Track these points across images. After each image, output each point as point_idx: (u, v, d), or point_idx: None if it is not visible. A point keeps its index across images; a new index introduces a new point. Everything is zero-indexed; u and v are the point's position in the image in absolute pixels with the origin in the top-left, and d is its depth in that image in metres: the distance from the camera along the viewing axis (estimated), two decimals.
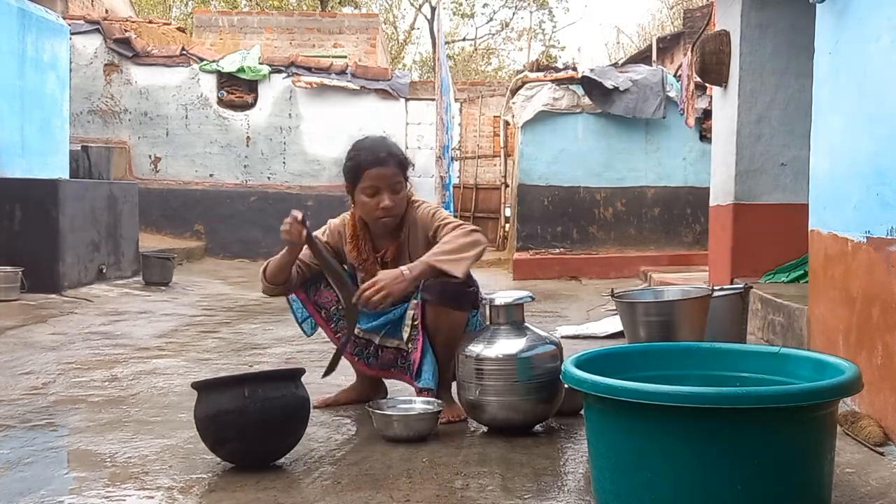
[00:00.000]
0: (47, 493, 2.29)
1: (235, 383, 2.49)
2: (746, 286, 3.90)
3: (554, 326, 5.44)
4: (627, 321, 3.64)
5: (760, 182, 5.59)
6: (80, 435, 2.90)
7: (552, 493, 2.28)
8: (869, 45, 2.90)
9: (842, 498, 2.21)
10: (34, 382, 3.75)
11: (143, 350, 4.61)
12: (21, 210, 6.75)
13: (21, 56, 7.56)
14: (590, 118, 9.85)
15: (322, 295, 3.25)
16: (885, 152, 2.75)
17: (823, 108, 3.38)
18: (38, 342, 4.84)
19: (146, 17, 18.52)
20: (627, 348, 2.69)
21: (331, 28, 17.50)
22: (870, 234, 2.86)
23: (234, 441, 2.45)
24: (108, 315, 6.04)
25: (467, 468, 2.52)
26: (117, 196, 7.99)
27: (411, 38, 30.71)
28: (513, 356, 2.81)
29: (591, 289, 8.33)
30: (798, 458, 1.90)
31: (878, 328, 2.79)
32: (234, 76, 11.77)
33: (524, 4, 28.13)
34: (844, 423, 2.83)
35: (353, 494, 2.28)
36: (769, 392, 1.88)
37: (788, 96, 5.51)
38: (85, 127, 11.45)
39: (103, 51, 11.60)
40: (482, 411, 2.87)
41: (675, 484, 1.88)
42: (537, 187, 9.97)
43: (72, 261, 7.02)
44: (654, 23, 26.52)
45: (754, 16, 5.53)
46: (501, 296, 2.95)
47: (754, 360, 2.35)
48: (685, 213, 10.05)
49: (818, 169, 3.42)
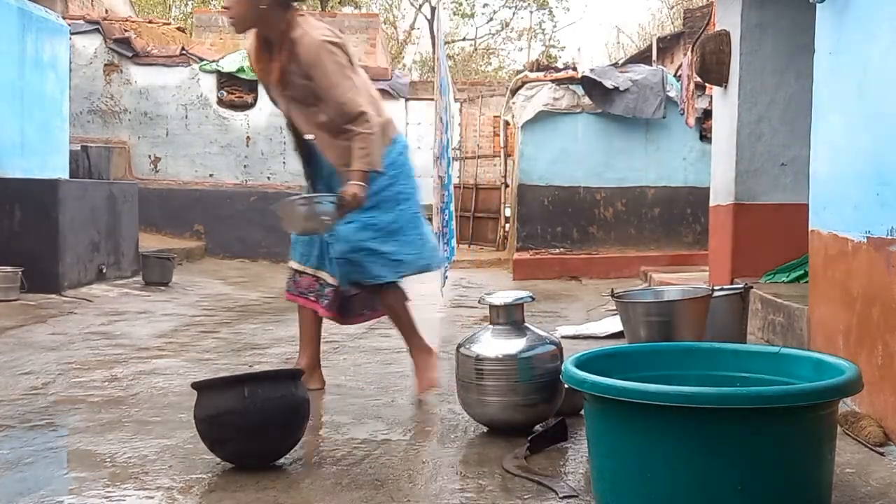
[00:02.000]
0: (47, 493, 2.29)
1: (235, 383, 2.49)
2: (746, 286, 3.89)
3: (554, 326, 5.44)
4: (627, 321, 3.64)
5: (760, 182, 5.59)
6: (80, 435, 2.90)
7: (552, 493, 2.28)
8: (869, 45, 2.90)
9: (842, 498, 2.21)
10: (34, 382, 3.75)
11: (143, 350, 4.60)
12: (21, 210, 6.75)
13: (21, 56, 7.56)
14: (590, 118, 9.84)
15: (300, 283, 3.46)
16: (885, 152, 2.75)
17: (823, 108, 3.38)
18: (38, 342, 4.84)
19: (146, 17, 18.52)
20: (627, 348, 2.69)
21: (331, 28, 17.47)
22: (870, 234, 2.86)
23: (234, 441, 2.45)
24: (107, 315, 6.04)
25: (467, 468, 2.52)
26: (117, 196, 7.98)
27: (411, 38, 30.71)
28: (513, 356, 2.81)
29: (591, 289, 8.33)
30: (798, 458, 1.90)
31: (878, 328, 2.79)
32: (234, 76, 11.77)
33: (524, 4, 28.14)
34: (844, 423, 2.83)
35: (354, 494, 2.28)
36: (769, 392, 1.88)
37: (788, 96, 5.51)
38: (85, 127, 11.45)
39: (103, 51, 11.59)
40: (482, 411, 2.87)
41: (675, 484, 1.88)
42: (537, 187, 9.96)
43: (72, 261, 7.02)
44: (654, 23, 26.53)
45: (754, 16, 5.53)
46: (501, 296, 2.95)
47: (754, 360, 2.35)
48: (685, 213, 10.05)
49: (818, 169, 3.42)
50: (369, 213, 3.19)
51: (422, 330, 3.49)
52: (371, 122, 3.10)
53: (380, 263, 3.23)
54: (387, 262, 3.24)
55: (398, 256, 3.26)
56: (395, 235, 3.25)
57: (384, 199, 3.23)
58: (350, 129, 3.12)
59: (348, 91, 3.12)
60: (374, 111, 3.17)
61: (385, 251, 3.23)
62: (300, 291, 3.45)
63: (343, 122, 3.13)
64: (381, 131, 3.18)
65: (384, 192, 3.23)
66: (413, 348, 3.45)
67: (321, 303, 3.39)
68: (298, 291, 3.46)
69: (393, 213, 3.26)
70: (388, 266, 3.25)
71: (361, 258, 3.21)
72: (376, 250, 3.21)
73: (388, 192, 3.25)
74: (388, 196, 3.25)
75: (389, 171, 3.23)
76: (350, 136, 3.12)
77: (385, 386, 3.65)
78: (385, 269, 3.24)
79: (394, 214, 3.26)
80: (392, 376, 3.91)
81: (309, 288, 3.42)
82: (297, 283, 3.46)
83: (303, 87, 3.18)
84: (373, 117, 3.12)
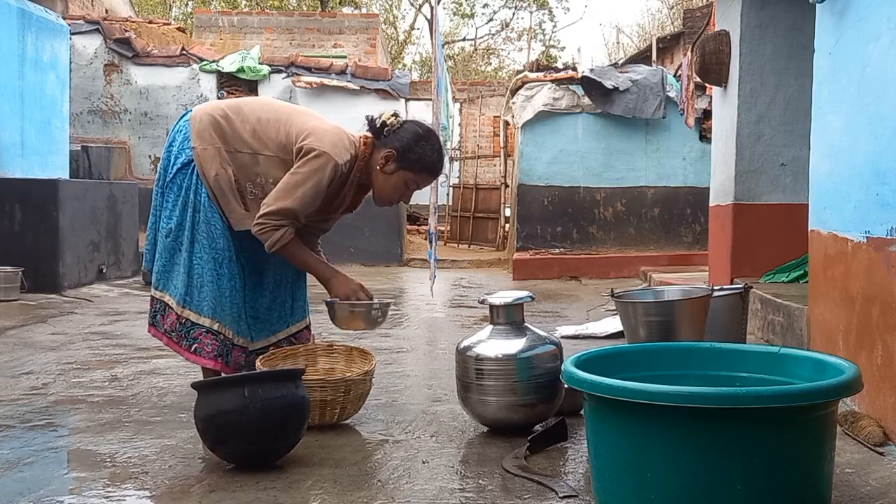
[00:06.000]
0: (47, 493, 2.30)
1: (235, 383, 2.49)
2: (746, 286, 3.89)
3: (554, 326, 5.44)
4: (627, 321, 3.64)
5: (760, 182, 5.60)
6: (80, 435, 2.90)
7: (552, 493, 2.28)
8: (869, 45, 2.90)
9: (842, 498, 2.21)
10: (34, 382, 3.75)
11: (143, 350, 4.60)
12: (21, 210, 6.76)
13: (21, 56, 7.57)
14: (590, 118, 9.84)
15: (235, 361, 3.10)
16: (884, 152, 2.75)
17: (823, 108, 3.38)
18: (38, 342, 4.84)
19: (146, 17, 18.54)
20: (627, 348, 2.69)
21: (331, 28, 17.49)
22: (870, 234, 2.86)
23: (234, 441, 2.45)
24: (108, 315, 6.04)
25: (467, 468, 2.52)
26: (117, 196, 7.99)
27: (411, 38, 30.70)
28: (513, 356, 2.81)
29: (591, 289, 8.33)
30: (798, 458, 1.90)
31: (877, 328, 2.79)
32: (234, 76, 11.77)
33: (524, 4, 28.12)
34: (844, 423, 2.83)
35: (354, 494, 2.28)
36: (769, 392, 1.88)
37: (788, 96, 5.51)
38: (85, 127, 11.45)
39: (103, 51, 11.60)
40: (482, 411, 2.87)
41: (674, 484, 1.88)
42: (537, 187, 9.96)
43: (72, 261, 7.02)
44: (654, 23, 26.48)
45: (754, 16, 5.53)
46: (501, 296, 2.95)
47: (754, 360, 2.35)
48: (685, 213, 10.05)
49: (818, 169, 3.42)
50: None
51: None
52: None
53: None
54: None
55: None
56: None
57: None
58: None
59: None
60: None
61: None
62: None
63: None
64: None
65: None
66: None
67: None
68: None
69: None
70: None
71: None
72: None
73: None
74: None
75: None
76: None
77: (385, 386, 3.65)
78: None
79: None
80: (392, 376, 3.91)
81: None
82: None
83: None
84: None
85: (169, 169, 3.04)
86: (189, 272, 2.99)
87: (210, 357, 2.99)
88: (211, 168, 2.96)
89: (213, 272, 2.99)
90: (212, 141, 2.98)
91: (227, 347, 3.02)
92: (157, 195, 3.09)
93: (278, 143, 2.98)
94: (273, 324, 3.20)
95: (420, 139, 3.04)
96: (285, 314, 3.23)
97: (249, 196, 3.01)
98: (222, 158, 2.98)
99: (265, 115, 3.02)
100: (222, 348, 3.01)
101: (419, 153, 3.02)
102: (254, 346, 3.14)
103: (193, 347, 2.99)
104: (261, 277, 3.17)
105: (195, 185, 2.98)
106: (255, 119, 3.01)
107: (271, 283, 3.19)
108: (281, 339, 3.22)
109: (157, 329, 3.08)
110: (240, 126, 3.00)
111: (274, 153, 2.98)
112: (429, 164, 3.06)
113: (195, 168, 2.98)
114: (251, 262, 3.12)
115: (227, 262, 3.01)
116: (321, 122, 3.06)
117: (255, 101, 3.13)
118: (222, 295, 3.00)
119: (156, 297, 3.08)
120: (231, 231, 3.02)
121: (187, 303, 3.00)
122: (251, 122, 3.01)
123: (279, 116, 3.02)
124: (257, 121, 3.01)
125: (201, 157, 2.97)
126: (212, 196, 2.98)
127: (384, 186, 3.07)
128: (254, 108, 3.05)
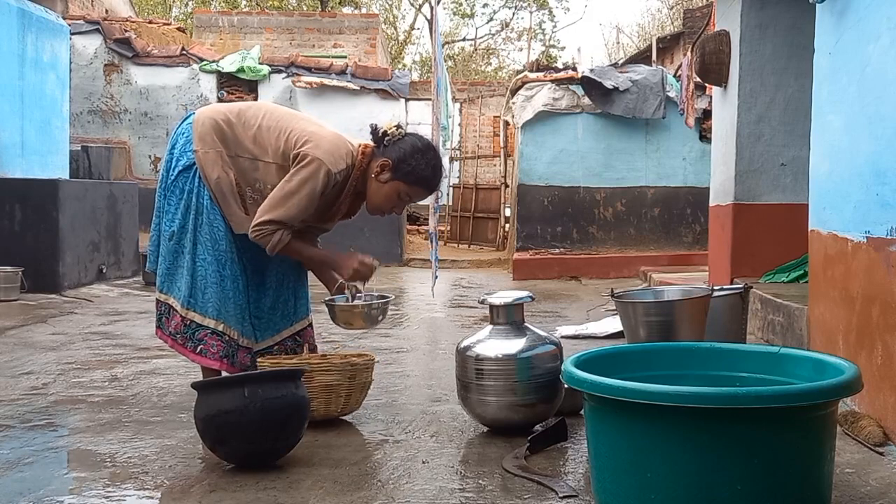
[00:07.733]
0: (47, 493, 2.30)
1: (235, 383, 2.49)
2: (746, 286, 3.89)
3: (554, 326, 5.44)
4: (627, 321, 3.64)
5: (760, 182, 5.60)
6: (80, 435, 2.90)
7: (552, 493, 2.28)
8: (869, 45, 2.90)
9: (842, 498, 2.21)
10: (34, 382, 3.75)
11: (143, 350, 4.60)
12: (21, 210, 6.76)
13: (21, 56, 7.57)
14: (590, 118, 9.85)
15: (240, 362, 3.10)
16: (884, 152, 2.75)
17: (823, 108, 3.38)
18: (38, 342, 4.84)
19: (146, 17, 18.54)
20: (627, 348, 2.68)
21: (331, 28, 17.49)
22: (870, 234, 2.86)
23: (234, 441, 2.45)
24: (108, 315, 6.04)
25: (467, 468, 2.52)
26: (117, 196, 7.99)
27: (411, 38, 30.69)
28: (513, 356, 2.81)
29: (591, 289, 8.33)
30: (798, 458, 1.90)
31: (877, 328, 2.79)
32: (234, 76, 11.78)
33: (524, 4, 28.12)
34: (844, 423, 2.83)
35: (354, 494, 2.28)
36: (769, 392, 1.88)
37: (788, 96, 5.51)
38: (85, 127, 11.45)
39: (103, 51, 11.60)
40: (482, 411, 2.87)
41: (674, 484, 1.88)
42: (537, 187, 9.97)
43: (72, 261, 7.02)
44: (654, 23, 26.48)
45: (754, 16, 5.53)
46: (501, 296, 2.95)
47: (754, 360, 2.35)
48: (685, 213, 10.06)
49: (818, 169, 3.42)
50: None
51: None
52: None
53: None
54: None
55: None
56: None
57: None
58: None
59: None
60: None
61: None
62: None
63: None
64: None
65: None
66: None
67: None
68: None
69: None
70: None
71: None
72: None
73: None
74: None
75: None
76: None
77: (385, 386, 3.65)
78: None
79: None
80: (392, 376, 3.91)
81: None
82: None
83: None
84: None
85: (171, 172, 3.04)
86: (192, 274, 3.00)
87: (216, 358, 3.00)
88: (213, 172, 2.97)
89: (217, 274, 3.00)
90: (213, 145, 2.99)
91: (232, 348, 3.03)
92: (159, 197, 3.11)
93: (277, 150, 2.98)
94: (277, 323, 3.21)
95: (417, 152, 3.04)
96: (289, 313, 3.24)
97: (249, 200, 3.02)
98: (224, 162, 2.99)
99: (267, 121, 3.03)
100: (227, 349, 3.02)
101: (413, 165, 3.02)
102: (258, 346, 3.15)
103: (199, 349, 3.00)
104: (263, 278, 3.18)
105: (197, 188, 2.99)
106: (256, 125, 3.02)
107: (274, 282, 3.19)
108: (285, 337, 3.22)
109: (163, 332, 3.10)
110: (242, 131, 3.01)
111: (273, 159, 2.99)
112: (422, 178, 3.05)
113: (197, 171, 2.99)
114: (253, 262, 3.12)
115: (230, 264, 3.02)
116: (321, 128, 3.06)
117: (258, 107, 3.13)
118: (226, 296, 3.01)
119: (160, 300, 3.09)
120: (233, 233, 3.03)
121: (191, 304, 3.01)
122: (253, 128, 3.01)
123: (280, 123, 3.02)
124: (259, 127, 3.01)
125: (203, 161, 2.98)
126: (214, 198, 2.99)
127: (377, 195, 3.07)
128: (256, 114, 3.06)
